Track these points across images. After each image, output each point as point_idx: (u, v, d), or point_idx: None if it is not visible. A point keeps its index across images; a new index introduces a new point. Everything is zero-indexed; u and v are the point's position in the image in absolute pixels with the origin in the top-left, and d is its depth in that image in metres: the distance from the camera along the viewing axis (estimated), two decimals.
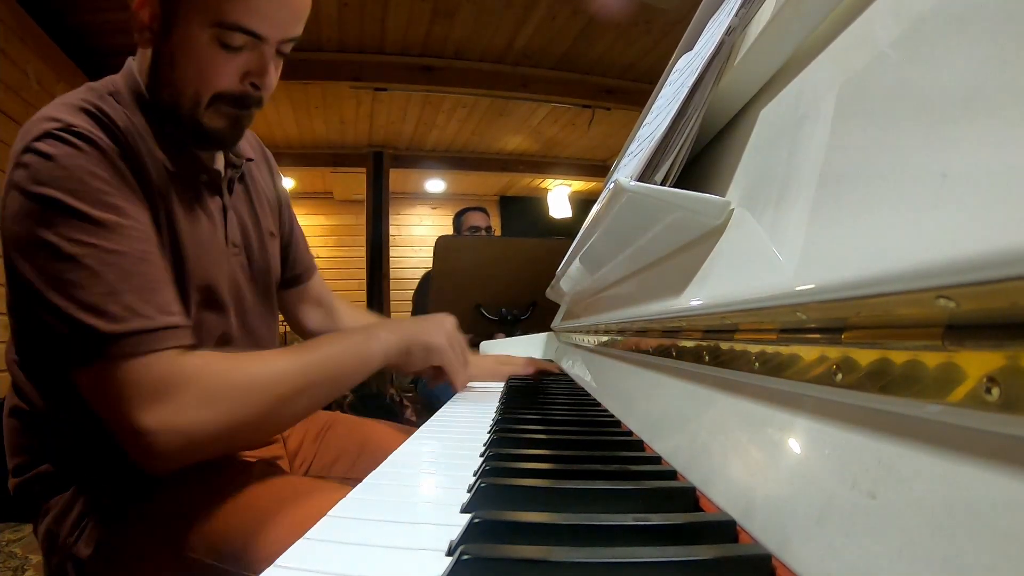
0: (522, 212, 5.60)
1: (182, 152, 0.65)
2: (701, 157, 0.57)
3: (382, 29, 3.03)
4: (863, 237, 0.23)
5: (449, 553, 0.27)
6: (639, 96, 3.40)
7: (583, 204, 4.99)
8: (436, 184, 5.39)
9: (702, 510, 0.31)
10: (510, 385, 0.88)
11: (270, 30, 0.61)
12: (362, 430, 0.88)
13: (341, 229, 5.33)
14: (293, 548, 0.27)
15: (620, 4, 2.72)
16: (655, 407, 0.49)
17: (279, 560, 0.26)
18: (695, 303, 0.39)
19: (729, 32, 0.48)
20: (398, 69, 3.35)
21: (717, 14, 0.61)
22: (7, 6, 2.25)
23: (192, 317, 0.65)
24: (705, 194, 0.42)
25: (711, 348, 0.37)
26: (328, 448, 0.85)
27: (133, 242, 0.54)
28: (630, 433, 0.49)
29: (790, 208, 0.31)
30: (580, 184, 5.26)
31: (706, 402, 0.38)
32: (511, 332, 1.81)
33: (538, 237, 2.23)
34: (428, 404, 1.86)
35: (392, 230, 4.60)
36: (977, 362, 0.16)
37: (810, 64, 0.37)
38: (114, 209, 0.54)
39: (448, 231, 3.17)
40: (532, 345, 1.47)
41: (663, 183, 0.46)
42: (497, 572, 0.23)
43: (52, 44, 2.57)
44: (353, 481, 0.38)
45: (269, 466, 0.67)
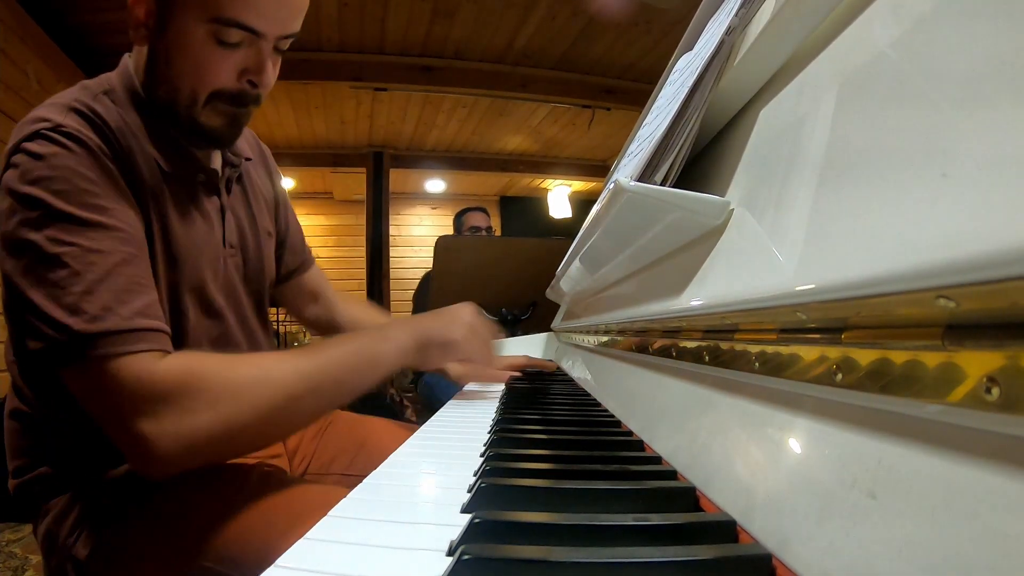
0: (522, 212, 5.59)
1: (178, 151, 0.64)
2: (701, 157, 0.57)
3: (382, 29, 3.03)
4: (863, 237, 0.23)
5: (449, 553, 0.27)
6: (639, 96, 3.40)
7: (583, 204, 4.99)
8: (436, 184, 5.38)
9: (702, 510, 0.31)
10: (510, 385, 0.88)
11: (268, 26, 0.60)
12: (362, 428, 0.88)
13: (341, 229, 5.33)
14: (293, 548, 0.27)
15: (620, 4, 2.71)
16: (655, 407, 0.49)
17: (279, 560, 0.26)
18: (695, 303, 0.39)
19: (729, 32, 0.48)
20: (398, 69, 3.35)
21: (717, 14, 0.61)
22: (7, 6, 2.25)
23: (189, 320, 0.64)
24: (705, 194, 0.42)
25: (711, 348, 0.37)
26: (327, 446, 0.85)
27: (117, 243, 0.53)
28: (630, 433, 0.49)
29: (790, 208, 0.31)
30: (580, 184, 5.25)
31: (706, 402, 0.38)
32: (511, 332, 1.81)
33: (538, 237, 2.22)
34: (428, 404, 1.86)
35: (392, 230, 4.60)
36: (977, 362, 0.16)
37: (810, 64, 0.37)
38: (100, 210, 0.53)
39: (448, 231, 3.17)
40: (532, 345, 1.47)
41: (663, 183, 0.46)
42: (497, 572, 0.23)
43: (52, 44, 2.57)
44: (353, 478, 0.38)
45: (268, 468, 0.67)
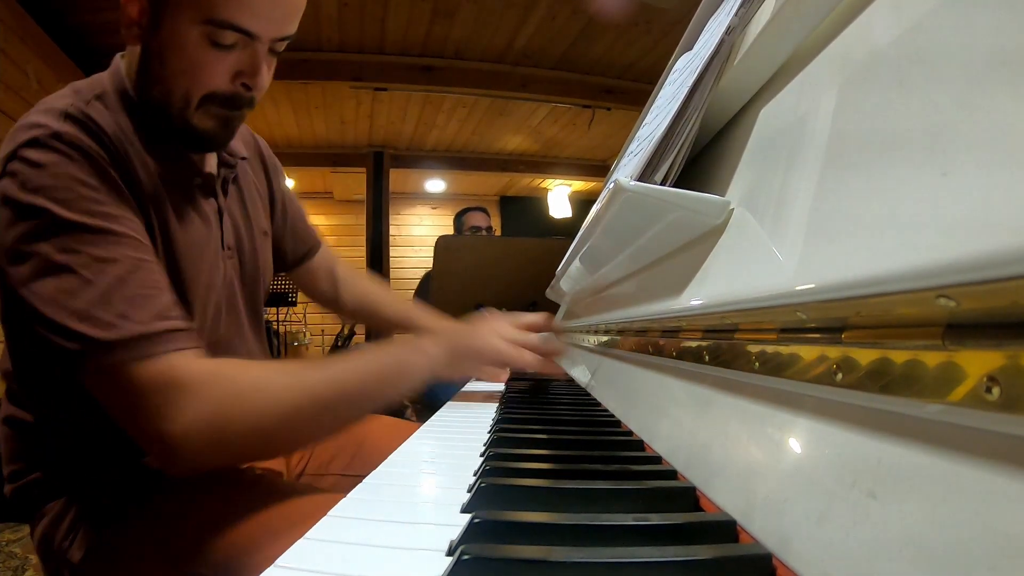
0: (522, 212, 5.60)
1: (173, 155, 0.64)
2: (701, 157, 0.57)
3: (382, 29, 3.04)
4: (863, 236, 0.23)
5: (449, 553, 0.27)
6: (639, 96, 3.40)
7: (583, 204, 4.99)
8: (436, 184, 5.39)
9: (702, 510, 0.31)
10: (510, 385, 0.88)
11: (263, 28, 0.58)
12: (361, 427, 0.88)
13: (341, 229, 5.33)
14: (293, 548, 0.27)
15: (620, 4, 2.72)
16: (655, 407, 0.49)
17: (279, 560, 0.26)
18: (695, 303, 0.39)
19: (729, 32, 0.48)
20: (398, 69, 3.35)
21: (717, 14, 0.61)
22: (7, 6, 2.25)
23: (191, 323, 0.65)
24: (705, 194, 0.42)
25: (711, 348, 0.37)
26: (327, 445, 0.85)
27: (126, 249, 0.53)
28: (630, 433, 0.49)
29: (790, 208, 0.31)
30: (580, 184, 5.26)
31: (706, 402, 0.38)
32: None
33: (538, 237, 2.22)
34: (428, 404, 1.86)
35: (392, 230, 4.60)
36: (977, 362, 0.16)
37: (810, 64, 0.37)
38: (106, 217, 0.53)
39: (448, 231, 3.17)
40: None
41: (663, 183, 0.46)
42: (497, 572, 0.23)
43: (52, 44, 2.57)
44: (352, 478, 0.38)
45: (263, 472, 0.67)
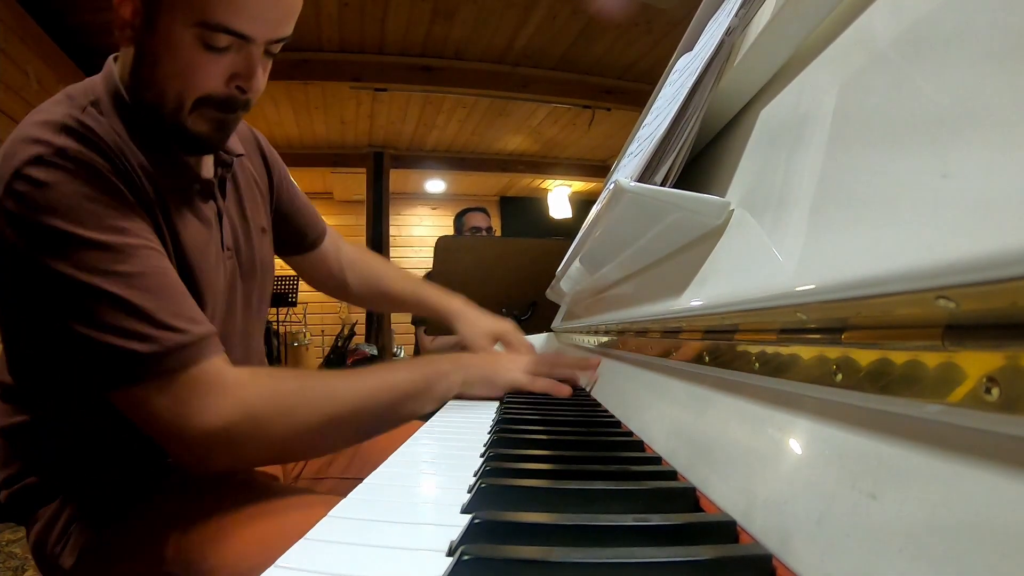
0: (522, 212, 5.60)
1: (171, 160, 0.63)
2: (701, 157, 0.57)
3: (382, 29, 3.04)
4: (863, 237, 0.23)
5: (449, 553, 0.27)
6: (639, 96, 3.40)
7: (583, 204, 4.99)
8: (436, 184, 5.39)
9: (702, 510, 0.31)
10: None
11: (257, 30, 0.57)
12: None
13: (341, 229, 5.27)
14: (293, 548, 0.27)
15: (620, 4, 2.72)
16: (655, 407, 0.49)
17: (279, 560, 0.26)
18: (695, 303, 0.39)
19: (729, 32, 0.48)
20: (398, 69, 3.35)
21: (717, 14, 0.61)
22: (7, 6, 2.25)
23: None
24: (705, 194, 0.42)
25: (711, 348, 0.37)
26: None
27: (146, 259, 0.53)
28: (630, 433, 0.49)
29: (790, 208, 0.31)
30: (580, 184, 5.26)
31: (706, 402, 0.38)
32: None
33: (538, 237, 2.22)
34: None
35: (392, 230, 4.61)
36: (977, 362, 0.16)
37: (810, 64, 0.37)
38: (119, 231, 0.53)
39: (448, 231, 3.17)
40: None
41: (663, 183, 0.46)
42: (498, 572, 0.23)
43: (52, 44, 2.58)
44: (350, 481, 0.38)
45: (251, 476, 0.67)
